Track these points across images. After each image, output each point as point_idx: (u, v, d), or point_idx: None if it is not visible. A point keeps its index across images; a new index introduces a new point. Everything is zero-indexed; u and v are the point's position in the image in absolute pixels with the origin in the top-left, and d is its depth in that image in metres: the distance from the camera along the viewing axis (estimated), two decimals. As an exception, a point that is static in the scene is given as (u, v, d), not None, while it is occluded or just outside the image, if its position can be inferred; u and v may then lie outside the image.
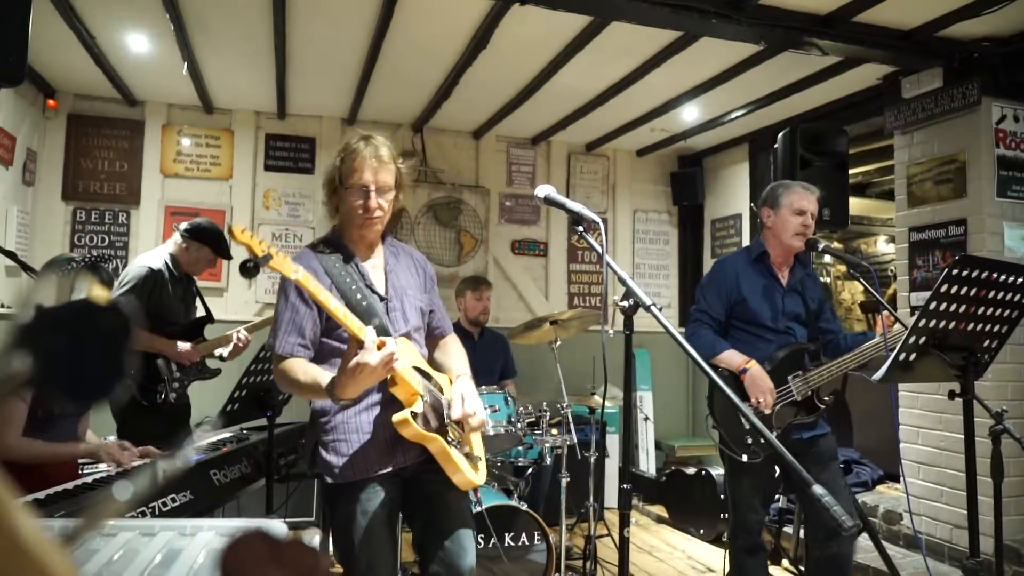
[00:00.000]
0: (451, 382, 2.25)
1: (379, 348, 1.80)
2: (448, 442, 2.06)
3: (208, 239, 3.58)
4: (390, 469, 2.06)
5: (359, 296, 2.04)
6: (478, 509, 3.26)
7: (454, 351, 2.38)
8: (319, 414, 2.11)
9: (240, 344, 3.67)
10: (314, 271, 1.99)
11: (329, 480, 2.07)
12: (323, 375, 1.95)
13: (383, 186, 2.08)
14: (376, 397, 2.08)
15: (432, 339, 2.38)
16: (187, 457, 2.10)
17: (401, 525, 2.31)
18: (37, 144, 5.15)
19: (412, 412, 1.95)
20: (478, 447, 2.25)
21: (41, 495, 2.09)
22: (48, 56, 4.59)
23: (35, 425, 2.45)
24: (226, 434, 3.16)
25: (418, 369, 2.09)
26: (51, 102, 5.21)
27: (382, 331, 1.96)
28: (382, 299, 2.13)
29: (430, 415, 2.04)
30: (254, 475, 2.85)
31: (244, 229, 1.76)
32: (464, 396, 2.13)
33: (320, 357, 2.09)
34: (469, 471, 2.10)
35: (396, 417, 1.96)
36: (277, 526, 1.23)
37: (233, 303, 5.48)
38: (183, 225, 3.58)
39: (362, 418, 2.08)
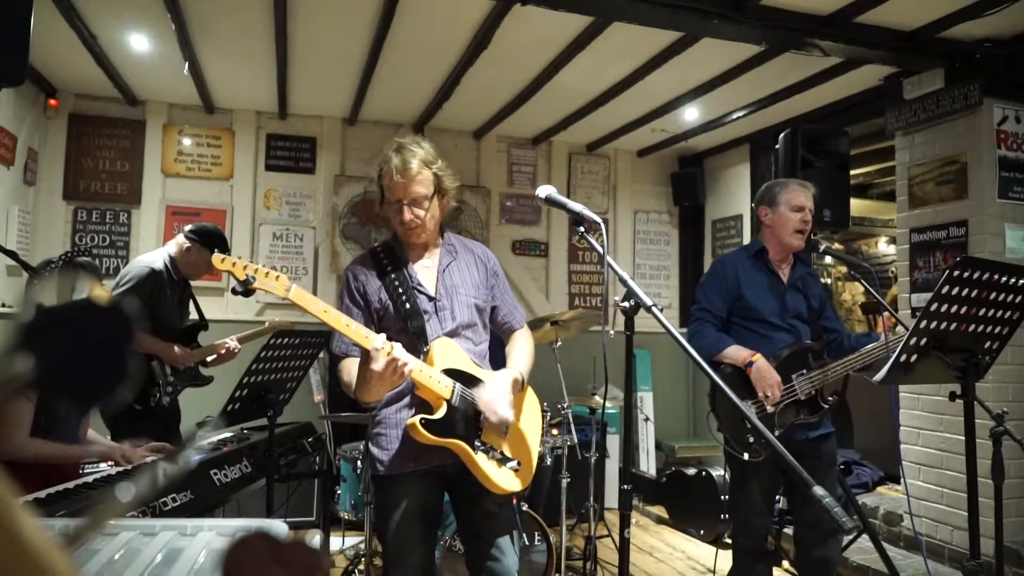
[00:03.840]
0: None
1: (386, 353, 1.87)
2: (475, 447, 2.06)
3: (212, 243, 3.54)
4: (426, 467, 2.11)
5: (404, 298, 2.14)
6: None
7: (516, 346, 2.34)
8: (370, 407, 2.19)
9: (224, 352, 3.64)
10: (366, 274, 2.19)
11: (372, 471, 2.19)
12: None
13: (415, 198, 2.12)
14: (412, 397, 2.13)
15: (504, 334, 2.39)
16: (189, 459, 2.11)
17: (441, 521, 2.32)
18: (38, 144, 5.15)
19: (423, 418, 2.00)
20: (520, 451, 2.20)
21: (42, 494, 2.09)
22: (49, 56, 4.59)
23: (37, 427, 2.44)
24: (227, 434, 3.16)
25: (455, 371, 2.09)
26: (52, 102, 5.21)
27: (419, 332, 2.09)
28: (431, 299, 2.17)
29: (459, 418, 2.06)
30: (255, 475, 2.85)
31: (223, 258, 1.83)
32: (486, 395, 2.09)
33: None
34: (498, 477, 2.09)
35: (407, 422, 2.03)
36: (278, 526, 1.23)
37: (233, 303, 5.48)
38: (188, 227, 3.56)
39: (401, 415, 2.14)
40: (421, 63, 4.60)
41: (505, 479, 2.12)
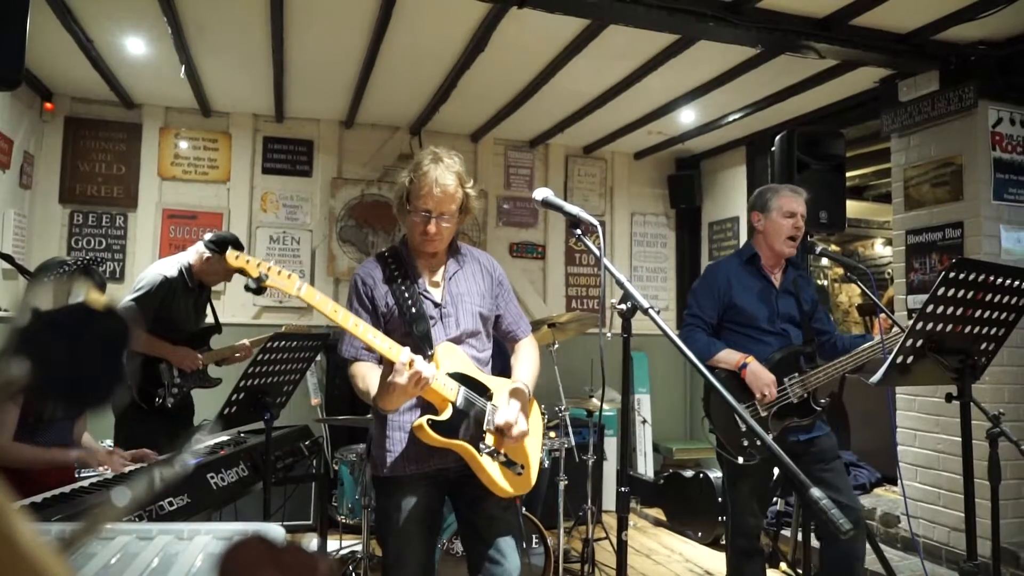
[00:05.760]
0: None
1: (410, 367, 1.88)
2: (480, 449, 2.08)
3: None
4: (428, 469, 2.12)
5: (410, 303, 2.15)
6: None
7: (522, 356, 2.38)
8: (374, 408, 2.19)
9: (240, 354, 3.75)
10: (373, 278, 2.20)
11: (374, 472, 2.20)
12: (375, 386, 2.04)
13: (443, 212, 2.13)
14: (417, 399, 2.13)
15: (508, 343, 2.42)
16: (186, 463, 2.10)
17: (442, 523, 2.34)
18: (34, 147, 5.14)
19: (430, 419, 2.01)
20: (525, 455, 2.22)
21: (38, 499, 2.09)
22: (45, 59, 4.58)
23: (28, 429, 2.42)
24: (224, 437, 3.16)
25: (460, 375, 2.11)
26: (48, 105, 5.20)
27: (424, 337, 2.10)
28: (436, 305, 2.19)
29: (464, 421, 2.07)
30: (252, 478, 2.85)
31: (238, 255, 1.85)
32: (503, 415, 2.11)
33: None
34: (503, 480, 2.11)
35: (414, 423, 2.04)
36: (275, 530, 1.23)
37: (230, 306, 5.47)
38: (208, 236, 3.63)
39: (405, 418, 2.15)
40: (418, 66, 4.60)
41: (509, 482, 2.13)
